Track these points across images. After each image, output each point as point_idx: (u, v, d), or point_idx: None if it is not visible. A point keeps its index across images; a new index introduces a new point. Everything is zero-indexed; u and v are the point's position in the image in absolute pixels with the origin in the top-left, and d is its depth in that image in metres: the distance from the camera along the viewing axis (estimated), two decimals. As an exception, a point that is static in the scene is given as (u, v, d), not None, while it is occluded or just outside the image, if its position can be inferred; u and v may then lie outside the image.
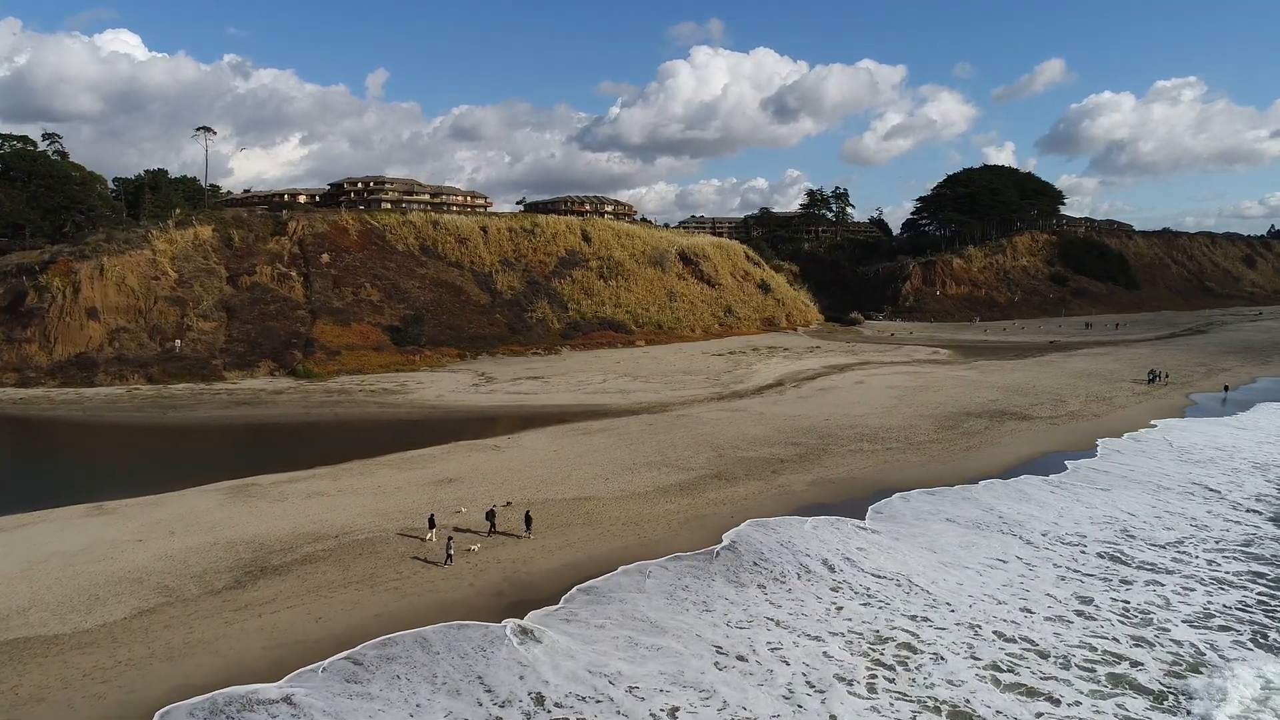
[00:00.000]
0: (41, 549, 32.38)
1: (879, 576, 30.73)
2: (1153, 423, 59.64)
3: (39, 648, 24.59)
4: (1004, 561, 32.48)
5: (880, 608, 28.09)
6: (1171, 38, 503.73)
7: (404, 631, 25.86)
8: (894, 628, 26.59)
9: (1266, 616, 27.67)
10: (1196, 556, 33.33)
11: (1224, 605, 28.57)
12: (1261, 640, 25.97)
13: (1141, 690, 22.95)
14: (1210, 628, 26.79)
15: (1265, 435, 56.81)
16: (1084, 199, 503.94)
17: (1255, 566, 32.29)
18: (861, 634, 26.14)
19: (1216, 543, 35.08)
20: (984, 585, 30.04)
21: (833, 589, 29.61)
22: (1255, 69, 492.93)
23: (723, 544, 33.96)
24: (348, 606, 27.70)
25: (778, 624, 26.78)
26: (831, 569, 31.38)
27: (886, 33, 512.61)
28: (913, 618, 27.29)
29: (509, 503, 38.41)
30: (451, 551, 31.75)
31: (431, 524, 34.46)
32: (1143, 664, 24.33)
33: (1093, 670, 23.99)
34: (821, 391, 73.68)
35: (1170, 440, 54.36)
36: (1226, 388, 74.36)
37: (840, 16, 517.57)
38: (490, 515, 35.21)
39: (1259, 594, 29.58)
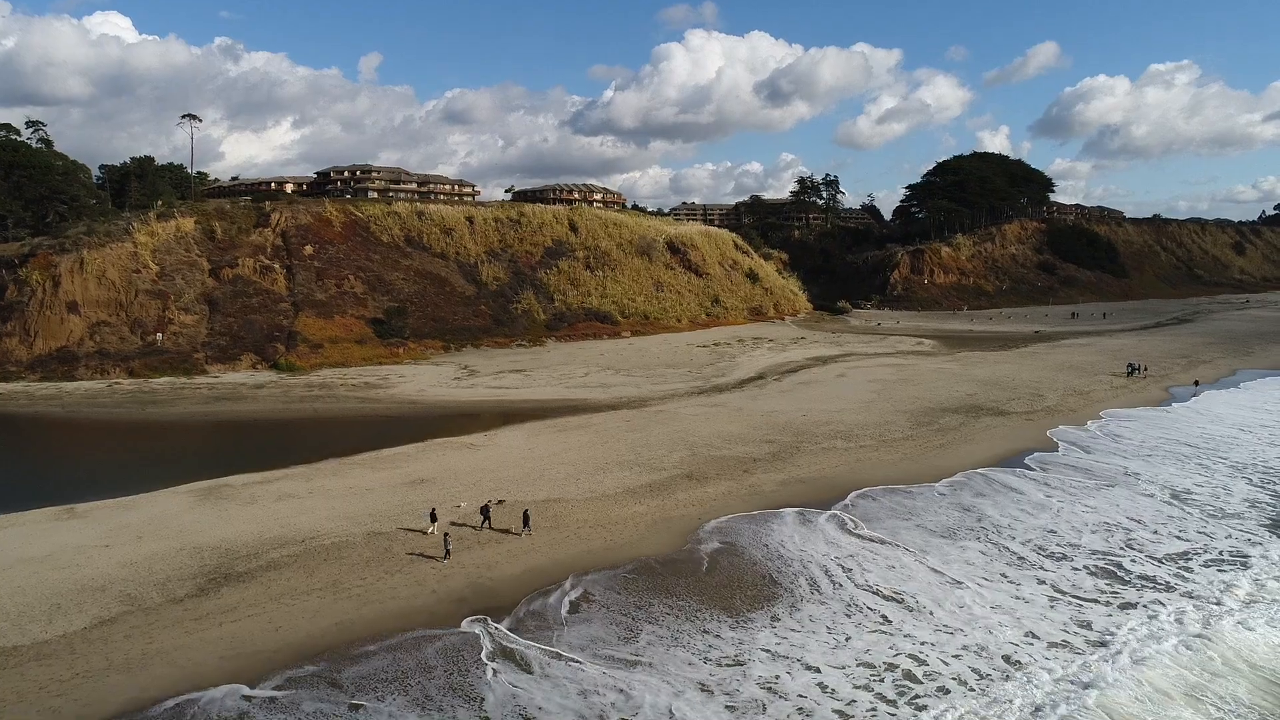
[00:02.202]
0: (6, 555, 32.49)
1: (866, 590, 30.99)
2: (1128, 417, 60.03)
3: (-4, 660, 24.77)
4: (982, 574, 32.59)
5: (855, 621, 28.39)
6: (1166, 21, 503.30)
7: (369, 644, 26.08)
8: (899, 654, 25.80)
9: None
10: (1199, 572, 31.89)
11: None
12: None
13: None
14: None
15: (1232, 428, 57.17)
16: (1078, 183, 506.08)
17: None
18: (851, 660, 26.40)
19: (1220, 554, 33.79)
20: (961, 599, 30.24)
21: (803, 597, 29.90)
22: (1249, 53, 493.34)
23: (687, 547, 34.24)
24: (309, 614, 27.89)
25: (741, 640, 27.05)
26: (801, 577, 31.65)
27: (881, 15, 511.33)
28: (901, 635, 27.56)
29: (501, 500, 38.97)
30: (450, 546, 32.72)
31: (433, 518, 35.56)
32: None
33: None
34: (802, 385, 73.94)
35: (1145, 435, 54.52)
36: (1197, 382, 74.62)
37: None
38: (485, 510, 36.41)
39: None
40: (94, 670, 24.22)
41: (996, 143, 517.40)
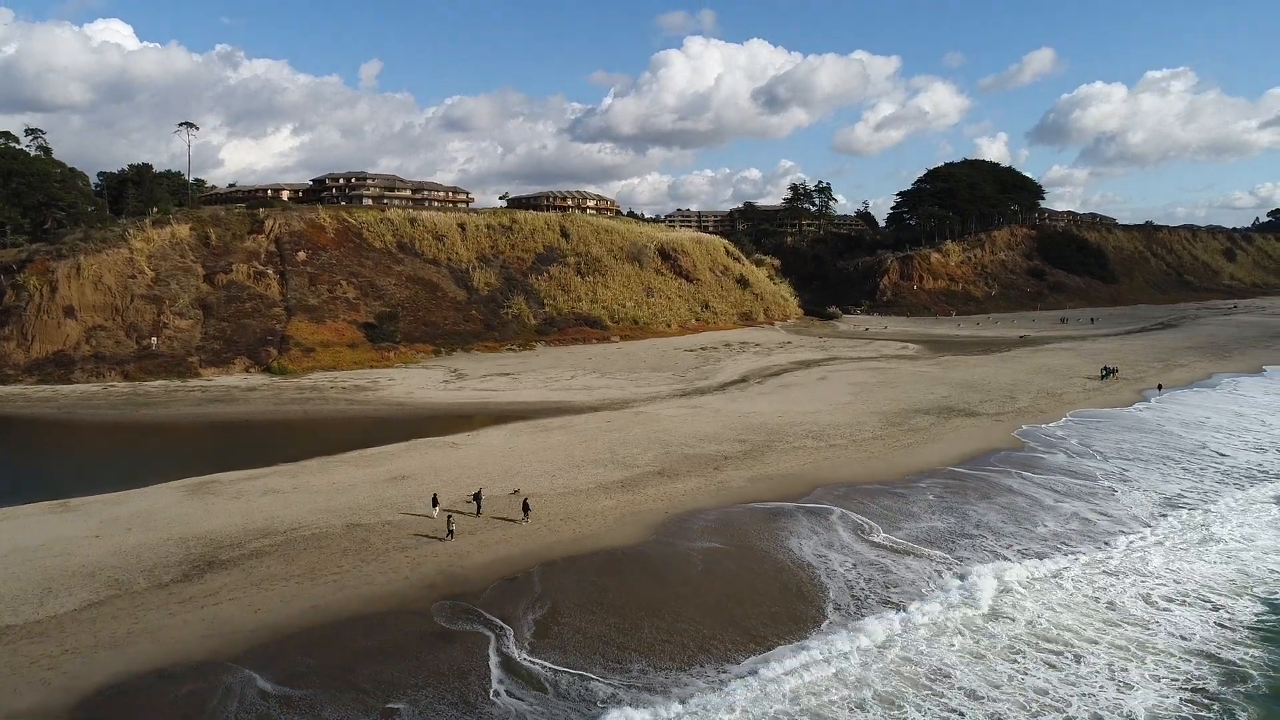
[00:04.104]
0: (1, 544, 34.07)
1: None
2: (1094, 417, 61.68)
3: (-9, 638, 26.39)
4: (940, 573, 34.37)
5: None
6: (1162, 28, 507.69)
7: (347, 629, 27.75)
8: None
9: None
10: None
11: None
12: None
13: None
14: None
15: (1185, 424, 59.20)
16: (1075, 190, 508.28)
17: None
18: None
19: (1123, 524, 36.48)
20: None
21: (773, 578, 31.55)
22: (1246, 60, 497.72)
23: (652, 539, 35.85)
24: (287, 598, 29.50)
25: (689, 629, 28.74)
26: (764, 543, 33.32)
27: (879, 22, 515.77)
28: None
29: (516, 490, 41.51)
30: (453, 528, 35.28)
31: (435, 503, 38.23)
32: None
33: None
34: (783, 388, 75.58)
35: (1111, 434, 56.00)
36: (1160, 386, 76.00)
37: (834, 6, 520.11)
38: (477, 498, 39.01)
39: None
40: (82, 647, 25.84)
41: (994, 150, 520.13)
